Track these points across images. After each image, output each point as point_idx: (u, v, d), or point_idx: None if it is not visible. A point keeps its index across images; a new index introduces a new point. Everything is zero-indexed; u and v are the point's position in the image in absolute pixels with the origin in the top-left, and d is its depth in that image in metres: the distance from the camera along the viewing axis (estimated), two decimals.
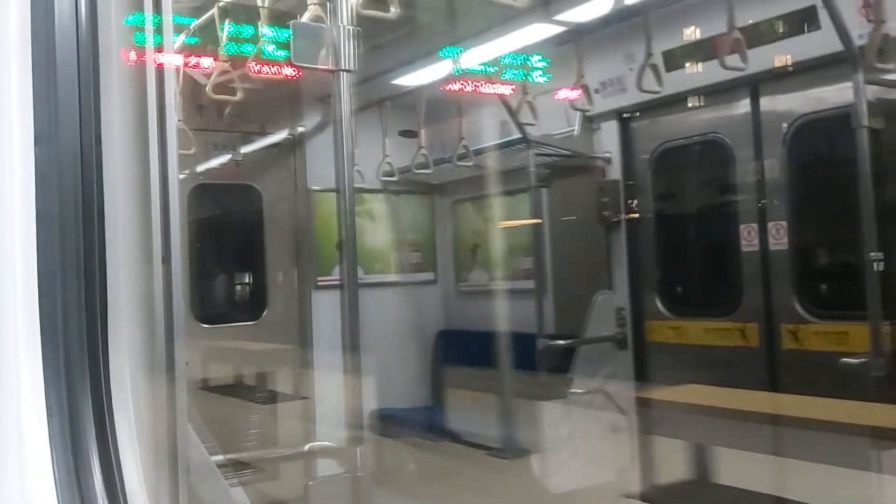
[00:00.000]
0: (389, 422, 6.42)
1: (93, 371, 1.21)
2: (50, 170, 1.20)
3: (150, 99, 1.40)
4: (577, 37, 5.01)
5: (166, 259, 1.34)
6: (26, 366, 1.17)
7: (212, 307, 6.55)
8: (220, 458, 2.17)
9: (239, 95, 4.13)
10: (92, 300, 1.23)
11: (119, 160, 1.32)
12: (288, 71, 3.78)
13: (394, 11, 3.29)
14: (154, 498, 1.23)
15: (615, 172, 5.69)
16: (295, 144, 6.88)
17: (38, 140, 1.20)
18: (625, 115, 5.63)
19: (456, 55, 5.11)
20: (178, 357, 1.34)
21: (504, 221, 7.01)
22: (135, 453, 1.23)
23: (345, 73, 2.71)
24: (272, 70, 3.64)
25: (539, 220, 6.08)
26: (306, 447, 3.78)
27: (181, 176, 1.50)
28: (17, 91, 1.19)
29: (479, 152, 6.17)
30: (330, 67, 2.69)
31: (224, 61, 3.91)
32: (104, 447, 1.19)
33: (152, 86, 1.41)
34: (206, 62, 4.07)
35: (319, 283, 6.63)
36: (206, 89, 4.08)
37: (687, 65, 4.97)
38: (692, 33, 4.90)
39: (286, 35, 3.16)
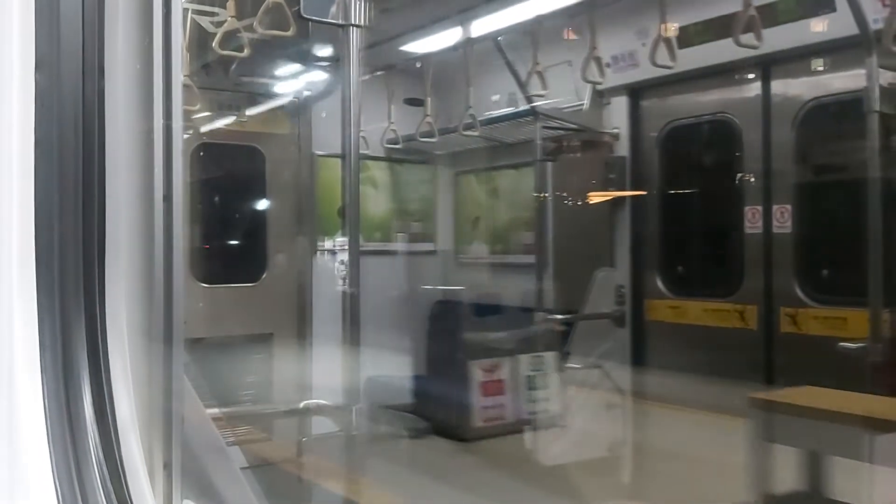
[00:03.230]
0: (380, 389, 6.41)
1: (88, 305, 1.19)
2: (50, 97, 1.17)
3: (156, 35, 1.36)
4: (591, 9, 4.93)
5: (168, 197, 1.31)
6: (20, 297, 1.15)
7: (211, 267, 6.52)
8: (214, 410, 2.15)
9: (246, 52, 4.05)
10: (90, 233, 1.20)
11: (122, 93, 1.29)
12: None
13: None
14: (146, 432, 1.22)
15: (623, 149, 5.65)
16: (300, 108, 6.82)
17: (39, 66, 1.16)
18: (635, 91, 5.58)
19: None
20: (176, 298, 1.32)
21: (507, 194, 6.96)
22: (128, 390, 1.21)
23: (355, 28, 2.65)
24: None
25: (543, 194, 6.04)
26: (301, 404, 3.78)
27: (185, 135, 1.46)
28: (19, 14, 1.16)
29: (485, 123, 6.10)
30: (340, 22, 2.64)
31: (232, 15, 3.84)
32: (97, 381, 1.17)
33: (159, 23, 1.37)
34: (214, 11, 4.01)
35: (320, 248, 6.61)
36: (213, 44, 4.01)
37: (699, 42, 4.91)
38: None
39: None
